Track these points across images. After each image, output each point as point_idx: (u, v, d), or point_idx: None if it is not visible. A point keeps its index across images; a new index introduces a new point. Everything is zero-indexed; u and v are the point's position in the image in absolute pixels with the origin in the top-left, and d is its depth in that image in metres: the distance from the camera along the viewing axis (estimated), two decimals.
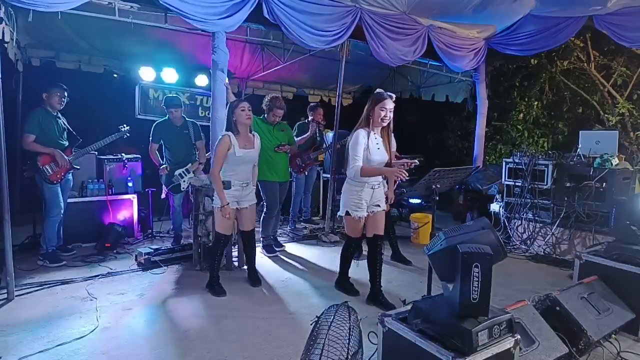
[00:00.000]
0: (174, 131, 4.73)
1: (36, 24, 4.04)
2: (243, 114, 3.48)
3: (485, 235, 1.93)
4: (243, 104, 3.51)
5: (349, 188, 3.30)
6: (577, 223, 4.66)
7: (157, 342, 2.77)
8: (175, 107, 4.66)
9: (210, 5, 3.99)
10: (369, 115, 3.20)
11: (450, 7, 5.00)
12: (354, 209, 3.27)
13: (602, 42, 6.47)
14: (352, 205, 3.28)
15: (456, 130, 8.56)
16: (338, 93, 5.48)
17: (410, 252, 4.74)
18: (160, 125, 4.74)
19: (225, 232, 3.61)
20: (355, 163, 3.11)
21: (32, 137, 4.10)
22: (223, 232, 3.60)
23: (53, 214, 4.23)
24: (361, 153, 3.12)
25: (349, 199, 3.30)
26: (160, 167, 4.76)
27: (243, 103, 3.53)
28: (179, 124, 4.75)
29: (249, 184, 3.63)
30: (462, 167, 3.08)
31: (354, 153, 3.13)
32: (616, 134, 4.93)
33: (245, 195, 3.63)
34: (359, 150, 3.12)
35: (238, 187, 3.55)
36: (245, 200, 3.65)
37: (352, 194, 3.27)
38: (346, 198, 3.32)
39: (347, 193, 3.31)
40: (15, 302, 3.34)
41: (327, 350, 1.90)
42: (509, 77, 7.63)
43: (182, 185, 4.74)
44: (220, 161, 3.45)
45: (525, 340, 2.25)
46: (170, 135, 4.73)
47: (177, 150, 4.75)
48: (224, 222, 3.55)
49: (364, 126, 3.22)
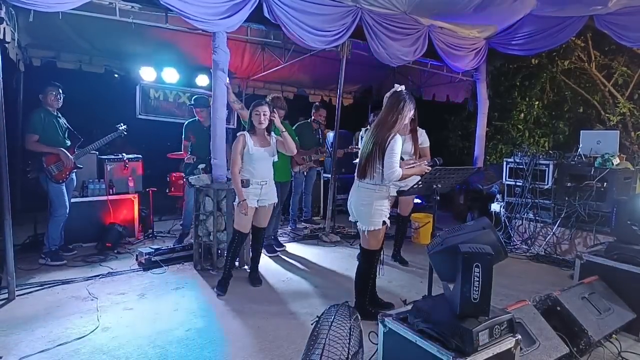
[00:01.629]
0: (201, 131, 4.84)
1: (37, 24, 4.04)
2: (257, 118, 3.57)
3: (486, 235, 1.94)
4: (258, 109, 3.59)
5: (379, 195, 2.98)
6: (578, 223, 4.66)
7: (158, 342, 2.77)
8: (201, 107, 4.84)
9: (211, 5, 3.99)
10: (398, 119, 2.93)
11: (451, 7, 4.99)
12: (386, 214, 3.01)
13: (602, 41, 6.47)
14: (385, 212, 3.01)
15: (457, 130, 8.56)
16: (338, 93, 5.48)
17: (410, 252, 4.75)
18: (190, 124, 4.97)
19: (242, 230, 3.63)
20: (396, 167, 2.83)
21: (35, 137, 4.11)
22: (240, 229, 3.63)
23: (59, 214, 4.24)
24: (398, 158, 2.87)
25: (380, 207, 2.98)
26: (187, 157, 4.91)
27: (258, 108, 3.60)
28: (207, 125, 4.79)
29: (267, 183, 3.68)
30: (464, 167, 3.08)
31: (393, 158, 2.83)
32: (617, 134, 4.92)
33: (265, 194, 3.67)
34: (397, 157, 2.85)
35: (257, 186, 3.59)
36: (265, 199, 3.69)
37: (383, 200, 2.99)
38: (377, 207, 2.97)
39: (377, 201, 2.97)
40: (16, 302, 3.35)
41: (328, 350, 1.90)
42: (510, 76, 7.63)
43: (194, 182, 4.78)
44: (236, 159, 3.55)
45: (526, 340, 2.25)
46: (198, 135, 4.87)
47: (201, 150, 4.81)
48: (242, 219, 3.59)
49: (397, 130, 2.94)
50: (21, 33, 4.62)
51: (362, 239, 3.12)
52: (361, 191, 3.02)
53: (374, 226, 2.98)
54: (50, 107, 4.24)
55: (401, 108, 2.93)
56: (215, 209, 4.19)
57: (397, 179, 2.86)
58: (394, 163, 2.83)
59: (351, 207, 3.12)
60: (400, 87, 3.05)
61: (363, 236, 3.09)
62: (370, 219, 2.98)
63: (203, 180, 4.31)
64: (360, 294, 3.18)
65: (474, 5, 4.90)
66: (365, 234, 3.04)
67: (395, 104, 2.96)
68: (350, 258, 4.64)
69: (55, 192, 4.20)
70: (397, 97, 2.98)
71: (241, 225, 3.62)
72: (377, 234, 3.03)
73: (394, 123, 2.92)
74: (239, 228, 3.63)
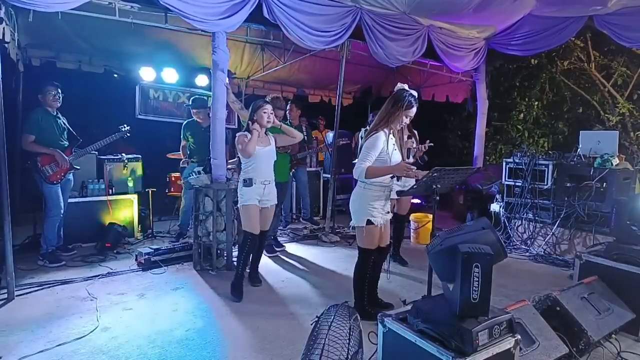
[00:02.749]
0: (199, 132, 4.88)
1: (36, 24, 4.04)
2: (265, 116, 3.53)
3: (486, 235, 1.93)
4: (266, 107, 3.56)
5: (368, 194, 2.96)
6: (578, 223, 4.66)
7: (158, 342, 2.77)
8: (197, 108, 4.86)
9: (210, 5, 3.99)
10: (390, 117, 2.93)
11: (450, 7, 4.99)
12: (376, 215, 2.98)
13: (602, 42, 6.47)
14: (374, 212, 2.97)
15: (456, 130, 8.56)
16: (338, 93, 5.48)
17: (410, 252, 4.75)
18: (187, 124, 4.99)
19: (252, 231, 3.54)
20: (363, 164, 2.81)
21: (31, 138, 4.10)
22: (250, 230, 3.55)
23: (53, 214, 4.23)
24: (374, 157, 2.85)
25: (367, 205, 2.96)
26: (182, 160, 4.97)
27: (267, 106, 3.58)
28: (206, 125, 4.80)
29: (270, 182, 3.67)
30: (463, 168, 3.07)
31: (367, 155, 2.83)
32: (616, 134, 4.93)
33: (268, 194, 3.65)
34: (372, 154, 2.84)
35: (260, 185, 3.57)
36: (267, 200, 3.66)
37: (373, 199, 2.97)
38: (364, 205, 2.96)
39: (364, 199, 2.97)
40: (15, 302, 3.34)
41: (328, 350, 1.90)
42: (509, 77, 7.64)
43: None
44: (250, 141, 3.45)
45: (526, 341, 2.25)
46: (195, 136, 4.92)
47: (198, 151, 4.86)
48: (250, 220, 3.54)
49: (384, 127, 2.93)
50: (21, 33, 4.61)
51: (357, 235, 3.14)
52: (356, 188, 3.08)
53: (357, 222, 3.01)
54: (50, 107, 4.24)
55: (395, 107, 2.93)
56: (215, 209, 4.19)
57: (360, 176, 2.84)
58: (363, 159, 2.84)
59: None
60: (403, 85, 3.04)
61: (357, 233, 3.12)
62: (355, 214, 3.02)
63: (202, 180, 4.31)
64: (357, 294, 3.18)
65: (474, 6, 4.91)
66: (356, 230, 3.08)
67: (390, 102, 2.97)
68: (350, 258, 4.63)
69: (49, 193, 4.20)
70: (394, 95, 2.99)
71: (250, 226, 3.54)
72: (366, 231, 2.99)
73: (382, 121, 2.94)
74: (250, 229, 3.53)
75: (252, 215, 3.53)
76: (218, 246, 4.26)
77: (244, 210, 3.54)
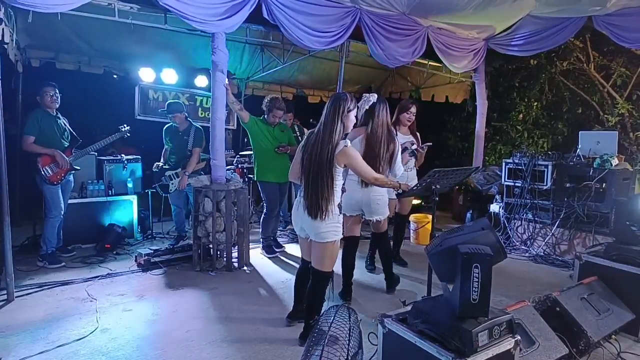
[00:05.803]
0: (175, 135, 4.87)
1: (36, 25, 4.04)
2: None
3: (485, 236, 1.94)
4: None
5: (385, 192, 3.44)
6: (577, 224, 4.66)
7: (157, 343, 2.77)
8: (172, 112, 4.79)
9: (210, 6, 3.98)
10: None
11: (450, 8, 4.99)
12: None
13: (601, 42, 6.47)
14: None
15: (456, 130, 8.56)
16: None
17: (409, 253, 4.74)
18: (167, 128, 4.96)
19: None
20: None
21: (31, 139, 4.10)
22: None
23: (53, 215, 4.23)
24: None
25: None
26: (154, 165, 4.95)
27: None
28: (182, 129, 4.84)
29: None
30: (463, 168, 3.08)
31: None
32: (616, 135, 4.93)
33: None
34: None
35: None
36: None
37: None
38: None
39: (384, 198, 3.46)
40: (15, 303, 3.34)
41: (327, 351, 1.90)
42: (509, 77, 7.63)
43: (170, 187, 4.85)
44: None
45: (526, 341, 2.25)
46: (172, 139, 4.90)
47: (173, 154, 4.88)
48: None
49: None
50: (20, 34, 4.61)
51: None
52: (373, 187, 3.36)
53: (384, 214, 3.55)
54: (49, 108, 4.23)
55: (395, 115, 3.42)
56: (215, 210, 4.19)
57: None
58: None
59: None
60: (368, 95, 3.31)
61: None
62: (383, 207, 3.50)
63: (202, 181, 4.31)
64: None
65: (474, 6, 4.90)
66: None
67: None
68: None
69: (49, 194, 4.19)
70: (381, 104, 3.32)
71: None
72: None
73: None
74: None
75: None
76: (217, 247, 4.26)
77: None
